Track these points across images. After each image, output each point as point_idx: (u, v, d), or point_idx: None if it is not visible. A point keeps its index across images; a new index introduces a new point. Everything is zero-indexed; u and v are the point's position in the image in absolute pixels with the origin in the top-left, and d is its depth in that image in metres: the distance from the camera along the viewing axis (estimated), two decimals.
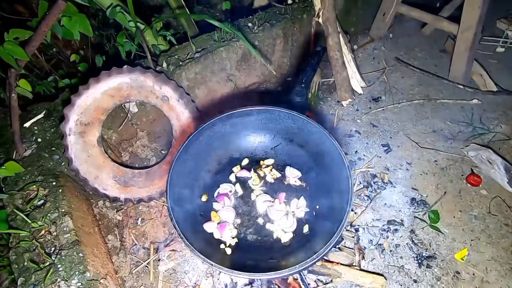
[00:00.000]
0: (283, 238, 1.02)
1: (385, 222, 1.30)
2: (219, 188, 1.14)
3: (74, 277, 0.92)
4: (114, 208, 1.38)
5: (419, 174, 1.44)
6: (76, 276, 0.92)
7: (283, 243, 1.01)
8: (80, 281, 0.92)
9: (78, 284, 0.91)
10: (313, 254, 0.86)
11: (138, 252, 1.28)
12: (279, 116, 1.15)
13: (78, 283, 0.91)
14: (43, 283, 0.90)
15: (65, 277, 0.91)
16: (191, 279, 1.20)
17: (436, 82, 1.82)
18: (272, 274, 0.79)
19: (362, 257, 1.19)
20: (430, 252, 1.23)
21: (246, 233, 1.05)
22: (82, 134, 1.29)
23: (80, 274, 0.93)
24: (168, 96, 1.46)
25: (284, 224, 1.04)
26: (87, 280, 0.93)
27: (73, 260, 0.95)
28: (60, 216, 1.04)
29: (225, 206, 1.09)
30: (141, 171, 1.42)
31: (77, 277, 0.92)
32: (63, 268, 0.93)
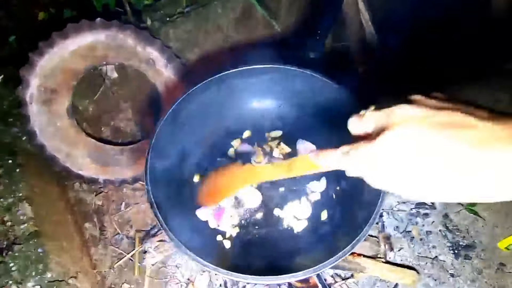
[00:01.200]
0: (295, 227, 0.81)
1: (413, 205, 1.10)
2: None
3: (30, 279, 0.72)
4: (92, 191, 1.17)
5: None
6: (32, 277, 0.72)
7: (295, 233, 0.81)
8: (38, 283, 0.72)
9: (36, 287, 0.71)
10: (334, 249, 0.66)
11: (121, 242, 1.08)
12: (288, 76, 0.92)
13: (35, 286, 0.72)
14: None
15: (18, 279, 0.72)
16: (184, 274, 1.01)
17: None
18: (284, 277, 0.59)
19: (389, 247, 0.99)
20: (468, 241, 1.03)
21: (249, 221, 0.85)
22: (48, 103, 1.06)
23: (38, 274, 0.73)
24: (153, 59, 1.22)
25: (297, 210, 0.83)
26: (47, 282, 0.73)
27: (30, 257, 0.75)
28: (16, 201, 0.84)
29: None
30: (123, 148, 1.20)
31: (34, 278, 0.72)
32: (16, 267, 0.73)
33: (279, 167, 0.50)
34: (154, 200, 0.68)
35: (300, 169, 0.46)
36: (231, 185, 0.60)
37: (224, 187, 0.62)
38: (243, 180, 0.58)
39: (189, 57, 1.38)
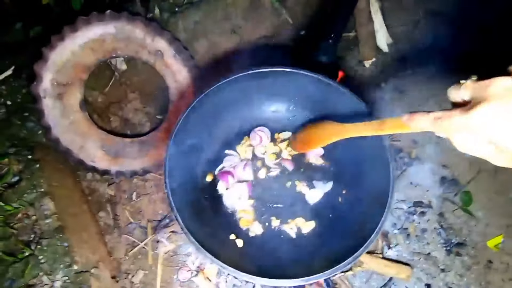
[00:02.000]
0: (303, 228, 0.87)
1: (411, 204, 1.16)
2: (223, 162, 0.97)
3: (59, 271, 0.78)
4: (105, 181, 1.22)
5: (450, 150, 1.26)
6: (61, 269, 0.78)
7: (303, 234, 0.87)
8: (66, 275, 0.79)
9: (65, 278, 0.78)
10: (343, 252, 0.72)
11: (134, 231, 1.14)
12: (300, 80, 0.93)
13: (64, 277, 0.78)
14: (23, 278, 0.76)
15: (48, 271, 0.78)
16: (194, 262, 1.08)
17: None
18: (296, 281, 0.65)
19: (387, 244, 1.07)
20: (461, 238, 1.11)
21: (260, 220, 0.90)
22: (61, 97, 1.07)
23: (65, 267, 0.79)
24: (162, 51, 1.22)
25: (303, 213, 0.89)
26: (74, 273, 0.79)
27: (57, 251, 0.81)
28: (39, 197, 0.88)
29: (230, 187, 0.93)
30: (133, 140, 1.23)
31: (62, 270, 0.78)
32: (45, 260, 0.79)
33: (370, 125, 0.55)
34: (175, 205, 0.73)
35: (390, 129, 0.50)
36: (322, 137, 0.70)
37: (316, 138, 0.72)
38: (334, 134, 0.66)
39: (198, 49, 1.37)
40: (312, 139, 0.74)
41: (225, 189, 0.92)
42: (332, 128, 0.68)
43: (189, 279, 1.05)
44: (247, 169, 0.94)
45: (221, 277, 1.04)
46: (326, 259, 0.76)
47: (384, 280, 1.04)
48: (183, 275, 1.06)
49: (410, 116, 0.45)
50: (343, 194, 0.91)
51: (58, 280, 0.76)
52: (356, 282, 1.04)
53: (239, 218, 0.89)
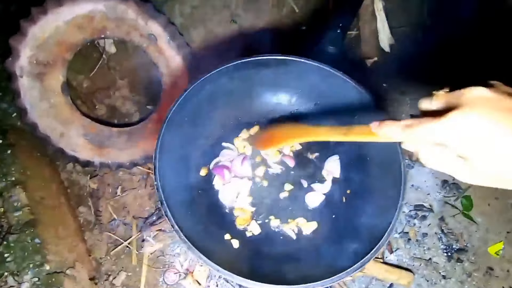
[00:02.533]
0: (304, 229, 0.81)
1: (412, 207, 1.12)
2: (219, 156, 0.90)
3: (28, 271, 0.68)
4: (87, 173, 1.12)
5: None
6: (30, 269, 0.68)
7: (304, 235, 0.80)
8: (36, 275, 0.69)
9: (34, 280, 0.68)
10: (348, 257, 0.66)
11: (117, 228, 1.05)
12: (305, 70, 0.87)
13: (33, 278, 0.68)
14: None
15: (15, 271, 0.68)
16: (183, 264, 1.00)
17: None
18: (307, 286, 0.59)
19: (389, 249, 1.02)
20: (461, 244, 1.07)
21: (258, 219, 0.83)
22: (40, 77, 0.97)
23: (36, 267, 0.69)
24: (156, 35, 1.13)
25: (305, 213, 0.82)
26: (46, 274, 0.69)
27: (26, 248, 0.71)
28: (9, 186, 0.78)
29: (227, 183, 0.86)
30: (121, 129, 1.14)
31: (31, 270, 0.68)
32: (12, 258, 0.69)
33: (336, 130, 0.52)
34: (166, 201, 0.64)
35: (357, 136, 0.47)
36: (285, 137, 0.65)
37: (279, 137, 0.67)
38: (298, 135, 0.62)
39: (194, 36, 1.29)
40: (275, 137, 0.70)
41: (222, 185, 0.85)
42: (297, 130, 0.64)
43: (177, 282, 0.97)
44: (245, 165, 0.87)
45: (211, 281, 0.96)
46: (329, 264, 0.70)
47: (384, 287, 0.98)
48: (170, 278, 0.97)
49: (380, 124, 0.43)
50: (348, 194, 0.85)
51: (26, 281, 0.66)
52: None
53: (236, 216, 0.82)
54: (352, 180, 0.86)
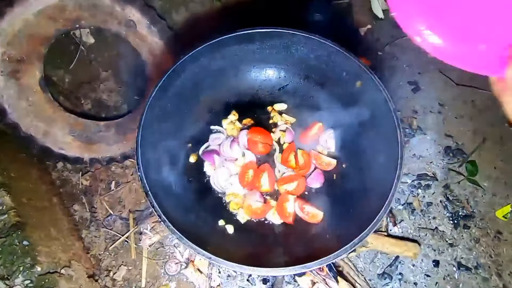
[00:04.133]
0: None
1: (414, 177, 1.08)
2: (208, 140, 0.86)
3: (18, 274, 0.66)
4: (78, 170, 1.09)
5: (453, 118, 1.19)
6: (20, 272, 0.66)
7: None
8: (28, 278, 0.67)
9: (26, 282, 0.66)
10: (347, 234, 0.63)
11: (114, 224, 1.03)
12: (293, 42, 0.82)
13: (25, 281, 0.66)
14: None
15: (5, 275, 0.66)
16: (183, 253, 0.98)
17: None
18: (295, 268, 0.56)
19: (392, 222, 0.99)
20: (468, 210, 1.04)
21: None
22: (15, 74, 0.93)
23: (26, 269, 0.67)
24: (134, 21, 1.08)
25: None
26: (38, 276, 0.67)
27: (15, 251, 0.68)
28: None
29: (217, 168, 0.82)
30: (108, 123, 1.10)
31: (22, 273, 0.66)
32: (1, 262, 0.67)
33: None
34: (150, 189, 0.61)
35: None
36: None
37: None
38: None
39: (176, 19, 1.23)
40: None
41: (213, 170, 0.81)
42: None
43: (178, 272, 0.95)
44: (235, 147, 0.83)
45: (213, 268, 0.94)
46: (328, 242, 0.67)
47: (390, 260, 0.96)
48: (171, 268, 0.96)
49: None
50: (343, 169, 0.82)
51: (17, 285, 0.64)
52: (360, 263, 0.96)
53: (228, 202, 0.79)
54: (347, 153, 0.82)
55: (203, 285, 0.93)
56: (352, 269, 0.93)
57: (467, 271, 0.96)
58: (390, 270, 0.94)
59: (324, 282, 0.87)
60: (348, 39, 1.39)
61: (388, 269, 0.95)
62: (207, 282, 0.93)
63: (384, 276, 0.94)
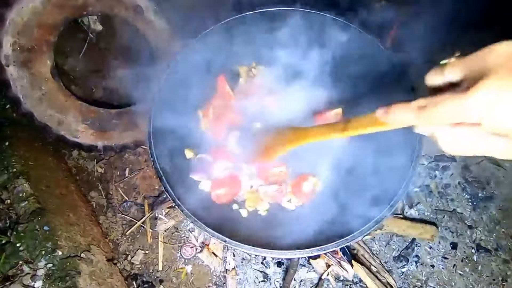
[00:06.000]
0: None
1: (431, 159, 1.05)
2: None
3: (41, 258, 0.68)
4: (93, 158, 1.11)
5: None
6: (43, 256, 0.68)
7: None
8: (50, 261, 0.69)
9: (49, 265, 0.68)
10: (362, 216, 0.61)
11: (130, 209, 1.05)
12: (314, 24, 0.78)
13: (48, 264, 0.68)
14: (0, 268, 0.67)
15: (29, 259, 0.68)
16: (198, 237, 0.99)
17: None
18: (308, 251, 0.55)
19: (408, 204, 0.97)
20: (488, 192, 1.01)
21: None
22: (27, 64, 0.93)
23: (48, 253, 0.69)
24: (142, 6, 1.06)
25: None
26: (60, 259, 0.70)
27: (37, 236, 0.70)
28: (11, 178, 0.77)
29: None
30: (120, 110, 1.10)
31: (44, 257, 0.68)
32: (24, 247, 0.69)
33: (334, 126, 0.47)
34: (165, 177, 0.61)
35: (361, 128, 0.41)
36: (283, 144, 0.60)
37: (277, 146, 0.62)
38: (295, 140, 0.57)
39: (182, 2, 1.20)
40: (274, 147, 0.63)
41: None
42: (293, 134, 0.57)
43: (194, 255, 0.97)
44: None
45: (228, 252, 0.95)
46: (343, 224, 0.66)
47: (406, 242, 0.95)
48: (187, 252, 0.97)
49: (387, 110, 0.35)
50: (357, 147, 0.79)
51: (41, 268, 0.66)
52: (375, 246, 0.95)
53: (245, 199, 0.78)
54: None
55: (218, 268, 0.95)
56: (367, 252, 0.93)
57: (487, 253, 0.93)
58: (406, 252, 0.93)
59: (339, 265, 0.87)
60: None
61: (404, 251, 0.94)
62: (222, 265, 0.95)
63: (400, 259, 0.93)
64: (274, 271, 0.92)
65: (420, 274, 0.92)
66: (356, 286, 0.89)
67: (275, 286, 0.91)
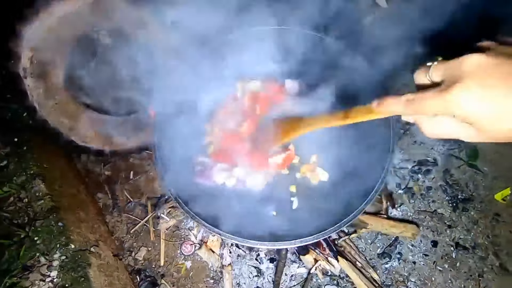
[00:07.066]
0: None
1: (415, 163, 1.12)
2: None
3: (56, 250, 0.76)
4: (100, 162, 1.19)
5: None
6: (57, 249, 0.76)
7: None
8: (64, 254, 0.77)
9: (63, 257, 0.77)
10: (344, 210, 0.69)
11: (134, 209, 1.13)
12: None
13: (62, 256, 0.77)
14: (19, 260, 0.75)
15: (45, 251, 0.76)
16: (197, 236, 1.07)
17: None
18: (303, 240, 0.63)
19: (391, 204, 1.04)
20: (467, 194, 1.08)
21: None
22: (43, 76, 1.03)
23: (62, 246, 0.77)
24: (146, 21, 1.15)
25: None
26: (72, 252, 0.78)
27: (52, 231, 0.79)
28: (29, 178, 0.85)
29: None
30: (126, 118, 1.19)
31: (59, 250, 0.76)
32: (40, 240, 0.77)
33: (335, 115, 0.54)
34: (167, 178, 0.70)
35: (359, 116, 0.49)
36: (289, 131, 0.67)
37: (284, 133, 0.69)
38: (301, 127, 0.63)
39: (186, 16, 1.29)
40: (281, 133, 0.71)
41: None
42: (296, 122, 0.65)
43: (193, 252, 1.04)
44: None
45: (224, 248, 1.03)
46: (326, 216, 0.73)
47: (390, 240, 1.02)
48: (186, 249, 1.05)
49: (381, 101, 0.44)
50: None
51: (55, 259, 0.75)
52: (361, 244, 1.03)
53: None
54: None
55: (215, 264, 1.02)
56: (354, 249, 1.00)
57: (465, 251, 1.00)
58: (389, 250, 1.00)
59: (326, 260, 0.94)
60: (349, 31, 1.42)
61: (388, 249, 1.01)
62: (219, 261, 1.02)
63: (384, 256, 1.00)
64: (267, 266, 1.00)
65: (402, 270, 0.99)
66: (342, 281, 0.96)
67: (268, 280, 0.98)
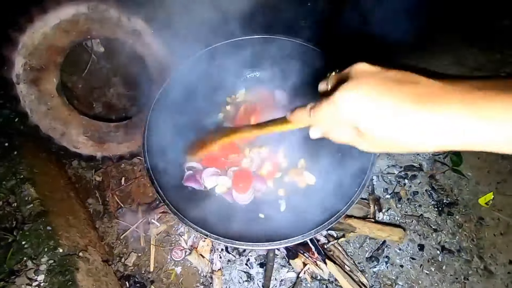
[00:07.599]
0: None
1: (401, 168, 1.15)
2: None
3: (43, 254, 0.76)
4: (91, 168, 1.20)
5: None
6: (45, 253, 0.76)
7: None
8: (51, 258, 0.77)
9: (50, 262, 0.76)
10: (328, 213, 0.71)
11: (124, 215, 1.13)
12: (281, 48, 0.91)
13: (49, 261, 0.76)
14: (5, 263, 0.74)
15: (32, 255, 0.76)
16: (187, 241, 1.07)
17: None
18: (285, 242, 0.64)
19: (378, 208, 1.06)
20: (452, 198, 1.11)
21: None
22: (36, 82, 1.04)
23: (50, 250, 0.77)
24: (139, 30, 1.18)
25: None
26: (60, 256, 0.78)
27: (40, 235, 0.79)
28: (19, 183, 0.86)
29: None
30: (118, 124, 1.21)
31: (47, 254, 0.76)
32: (28, 244, 0.77)
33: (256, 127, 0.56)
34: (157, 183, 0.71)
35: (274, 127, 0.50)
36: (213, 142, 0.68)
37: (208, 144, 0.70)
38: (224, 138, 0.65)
39: (178, 25, 1.33)
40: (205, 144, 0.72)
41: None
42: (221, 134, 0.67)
43: (183, 257, 1.04)
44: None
45: (214, 254, 1.03)
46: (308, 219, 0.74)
47: (377, 244, 1.04)
48: (177, 255, 1.05)
49: (292, 111, 0.45)
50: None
51: (43, 263, 0.74)
52: (350, 248, 1.04)
53: None
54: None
55: (205, 269, 1.03)
56: (342, 253, 1.01)
57: (450, 254, 1.02)
58: (377, 253, 1.02)
59: (315, 264, 0.95)
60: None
61: (376, 252, 1.02)
62: (209, 266, 1.02)
63: (372, 259, 1.01)
64: (257, 271, 1.00)
65: (390, 273, 1.00)
66: (331, 285, 0.97)
67: (258, 285, 0.98)
